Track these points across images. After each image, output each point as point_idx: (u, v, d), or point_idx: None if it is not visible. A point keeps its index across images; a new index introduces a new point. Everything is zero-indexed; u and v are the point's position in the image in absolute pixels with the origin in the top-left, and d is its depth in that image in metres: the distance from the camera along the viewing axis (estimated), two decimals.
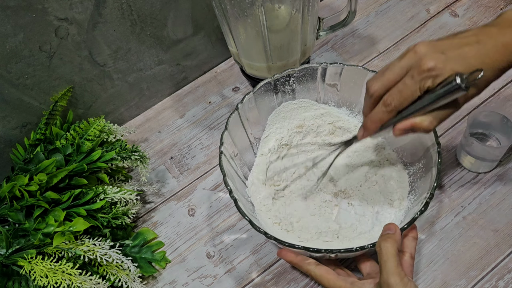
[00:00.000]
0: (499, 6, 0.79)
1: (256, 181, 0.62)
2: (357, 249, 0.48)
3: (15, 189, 0.55)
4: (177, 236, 0.66)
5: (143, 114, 0.78)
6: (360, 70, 0.59)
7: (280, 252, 0.55)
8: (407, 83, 0.43)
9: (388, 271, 0.45)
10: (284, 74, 0.61)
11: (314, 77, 0.62)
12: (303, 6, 0.60)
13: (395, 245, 0.47)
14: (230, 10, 0.59)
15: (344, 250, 0.48)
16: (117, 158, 0.62)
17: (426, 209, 0.50)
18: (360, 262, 0.55)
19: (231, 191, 0.53)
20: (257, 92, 0.61)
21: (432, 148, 0.54)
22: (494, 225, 0.61)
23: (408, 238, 0.51)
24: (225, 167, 0.55)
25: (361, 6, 0.82)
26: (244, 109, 0.60)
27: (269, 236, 0.50)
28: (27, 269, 0.52)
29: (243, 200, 0.56)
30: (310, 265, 0.53)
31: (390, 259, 0.46)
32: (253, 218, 0.54)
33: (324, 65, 0.60)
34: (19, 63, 0.59)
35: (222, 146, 0.56)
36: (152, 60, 0.71)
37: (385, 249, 0.46)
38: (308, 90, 0.64)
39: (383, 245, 0.46)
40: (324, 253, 0.48)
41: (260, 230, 0.50)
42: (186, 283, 0.62)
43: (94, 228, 0.59)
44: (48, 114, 0.64)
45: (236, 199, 0.52)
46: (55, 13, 0.57)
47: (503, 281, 0.57)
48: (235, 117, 0.59)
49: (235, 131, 0.59)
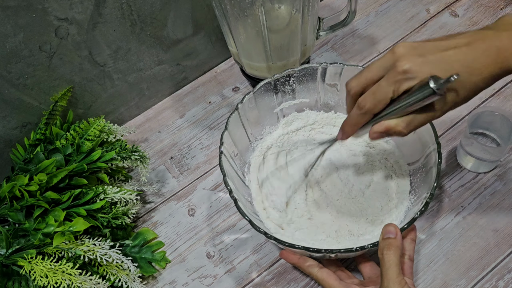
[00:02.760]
0: (499, 6, 0.79)
1: (254, 181, 0.63)
2: (357, 249, 0.48)
3: (15, 189, 0.55)
4: (177, 236, 0.66)
5: (143, 114, 0.78)
6: (360, 70, 0.59)
7: (282, 253, 0.55)
8: (381, 85, 0.42)
9: (389, 279, 0.45)
10: (284, 74, 0.61)
11: (314, 77, 0.62)
12: (303, 6, 0.60)
13: (398, 253, 0.46)
14: (230, 10, 0.59)
15: (344, 250, 0.48)
16: (117, 158, 0.62)
17: (426, 209, 0.50)
18: (360, 263, 0.55)
19: (231, 191, 0.53)
20: (257, 92, 0.61)
21: (432, 148, 0.54)
22: (494, 225, 0.61)
23: (407, 240, 0.51)
24: (225, 167, 0.55)
25: (361, 6, 0.82)
26: (244, 109, 0.60)
27: (269, 236, 0.50)
28: (27, 269, 0.52)
29: (243, 200, 0.56)
30: (312, 268, 0.53)
31: (392, 267, 0.46)
32: (253, 218, 0.54)
33: (324, 65, 0.60)
34: (19, 63, 0.59)
35: (222, 146, 0.56)
36: (152, 60, 0.71)
37: (388, 257, 0.46)
38: (308, 90, 0.64)
39: (386, 253, 0.46)
40: (324, 253, 0.48)
41: (260, 230, 0.50)
42: (186, 283, 0.62)
43: (94, 228, 0.59)
44: (48, 114, 0.64)
45: (236, 199, 0.52)
46: (55, 13, 0.57)
47: (503, 281, 0.57)
48: (235, 117, 0.59)
49: (235, 131, 0.59)
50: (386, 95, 0.42)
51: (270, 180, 0.62)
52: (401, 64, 0.40)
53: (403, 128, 0.43)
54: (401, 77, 0.40)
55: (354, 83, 0.45)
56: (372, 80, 0.43)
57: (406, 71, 0.40)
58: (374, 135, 0.44)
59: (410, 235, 0.52)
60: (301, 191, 0.61)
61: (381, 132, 0.44)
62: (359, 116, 0.45)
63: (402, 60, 0.40)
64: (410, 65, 0.40)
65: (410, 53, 0.41)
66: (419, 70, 0.40)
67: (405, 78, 0.40)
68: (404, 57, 0.41)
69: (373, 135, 0.44)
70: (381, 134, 0.44)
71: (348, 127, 0.47)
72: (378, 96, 0.42)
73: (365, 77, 0.43)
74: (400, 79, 0.41)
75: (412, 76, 0.40)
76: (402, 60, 0.40)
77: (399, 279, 0.45)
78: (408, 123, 0.43)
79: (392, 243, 0.47)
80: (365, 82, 0.44)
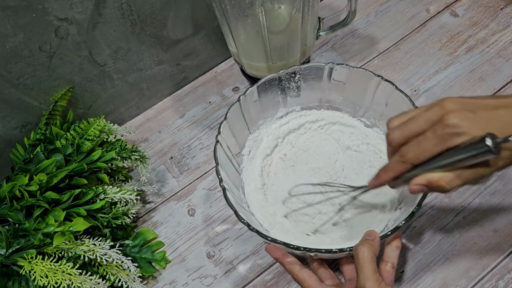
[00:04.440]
0: (499, 6, 0.79)
1: (251, 174, 0.63)
2: (335, 251, 0.48)
3: (15, 189, 0.55)
4: (177, 236, 0.66)
5: (143, 114, 0.78)
6: (367, 73, 0.58)
7: (268, 248, 0.55)
8: (428, 137, 0.40)
9: (364, 276, 0.45)
10: (290, 71, 0.61)
11: (320, 76, 0.62)
12: (303, 6, 0.60)
13: (372, 250, 0.46)
14: (230, 10, 0.59)
15: (325, 251, 0.48)
16: (117, 158, 0.62)
17: (411, 219, 0.49)
18: (343, 264, 0.55)
19: (221, 180, 0.53)
20: (260, 86, 0.61)
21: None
22: (494, 225, 0.61)
23: (391, 246, 0.50)
24: (220, 156, 0.55)
25: (361, 6, 0.82)
26: (246, 102, 0.60)
27: (251, 228, 0.50)
28: (27, 269, 0.52)
29: (235, 191, 0.56)
30: (293, 266, 0.52)
31: (366, 263, 0.45)
32: (240, 209, 0.54)
33: (331, 65, 0.60)
34: (19, 63, 0.59)
35: (219, 135, 0.56)
36: (152, 60, 0.71)
37: (362, 254, 0.45)
38: (313, 89, 0.64)
39: (360, 249, 0.46)
40: (303, 251, 0.49)
41: (244, 221, 0.50)
42: (186, 283, 0.62)
43: (94, 228, 0.59)
44: (48, 114, 0.64)
45: (225, 188, 0.52)
46: (55, 13, 0.57)
47: (503, 281, 0.58)
48: (236, 108, 0.59)
49: (235, 123, 0.59)
50: (432, 149, 0.41)
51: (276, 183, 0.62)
52: (450, 117, 0.39)
53: (447, 183, 0.41)
54: (449, 131, 0.39)
55: (396, 134, 0.43)
56: (416, 133, 0.42)
57: (455, 126, 0.39)
58: (414, 187, 0.43)
59: (395, 242, 0.50)
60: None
61: (422, 185, 0.42)
62: (398, 164, 0.44)
63: (451, 114, 0.39)
64: (459, 120, 0.39)
65: (459, 108, 0.40)
66: (470, 126, 0.39)
67: (454, 133, 0.39)
68: (453, 112, 0.39)
69: (414, 187, 0.43)
70: (422, 188, 0.43)
71: (384, 174, 0.46)
72: (423, 147, 0.41)
73: (409, 129, 0.42)
74: (449, 134, 0.39)
75: (462, 132, 0.39)
76: (451, 114, 0.39)
77: (375, 276, 0.45)
78: (452, 180, 0.41)
79: (367, 241, 0.47)
80: (409, 134, 0.42)
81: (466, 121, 0.39)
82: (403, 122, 0.44)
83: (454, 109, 0.40)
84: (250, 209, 0.60)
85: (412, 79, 0.74)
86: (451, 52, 0.75)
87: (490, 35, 0.76)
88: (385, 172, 0.46)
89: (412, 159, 0.42)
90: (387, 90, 0.58)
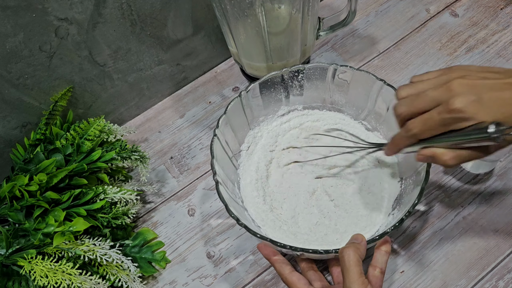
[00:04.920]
0: (499, 6, 0.79)
1: (248, 170, 0.63)
2: (321, 252, 0.48)
3: (15, 189, 0.55)
4: (177, 236, 0.66)
5: (143, 114, 0.78)
6: (370, 77, 0.58)
7: (260, 245, 0.55)
8: (433, 117, 0.42)
9: (350, 280, 0.45)
10: (293, 70, 0.61)
11: (323, 76, 0.62)
12: (303, 6, 0.60)
13: (357, 253, 0.46)
14: (230, 10, 0.59)
15: (312, 251, 0.48)
16: (117, 158, 0.62)
17: (400, 225, 0.50)
18: (332, 266, 0.55)
19: (215, 173, 0.53)
20: (263, 83, 0.61)
21: (421, 166, 0.53)
22: (494, 225, 0.61)
23: (380, 251, 0.50)
24: (216, 150, 0.55)
25: (361, 6, 0.82)
26: (247, 98, 0.60)
27: (240, 223, 0.50)
28: (27, 269, 0.52)
29: (230, 187, 0.56)
30: (283, 268, 0.52)
31: (352, 267, 0.45)
32: (232, 203, 0.54)
33: (334, 66, 0.60)
34: (19, 63, 0.59)
35: (217, 129, 0.56)
36: (152, 60, 0.71)
37: (347, 257, 0.46)
38: (316, 89, 0.64)
39: (345, 252, 0.46)
40: (289, 249, 0.49)
41: (233, 215, 0.50)
42: (186, 283, 0.62)
43: (94, 228, 0.59)
44: (48, 114, 0.64)
45: (218, 181, 0.52)
46: (55, 13, 0.57)
47: (503, 281, 0.58)
48: (236, 103, 0.59)
49: (235, 118, 0.59)
50: (436, 128, 0.42)
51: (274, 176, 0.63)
52: (456, 102, 0.40)
53: (449, 160, 0.43)
54: (455, 115, 0.41)
55: (403, 108, 0.45)
56: (423, 110, 0.43)
57: (460, 110, 0.40)
58: (420, 157, 0.45)
59: (384, 246, 0.50)
60: (308, 194, 0.61)
61: (427, 156, 0.45)
62: (403, 138, 0.46)
63: (457, 99, 0.40)
64: (464, 105, 0.40)
65: (465, 92, 0.41)
66: (474, 112, 0.40)
67: (459, 117, 0.40)
68: (459, 96, 0.40)
69: (419, 157, 0.45)
70: (427, 158, 0.45)
71: (392, 146, 0.49)
72: (428, 125, 0.43)
73: (416, 106, 0.44)
74: (454, 118, 0.41)
75: (466, 117, 0.40)
76: (457, 98, 0.40)
77: (361, 280, 0.45)
78: (455, 157, 0.43)
79: (353, 244, 0.47)
80: (415, 111, 0.44)
81: (471, 106, 0.40)
82: (411, 94, 0.45)
83: (460, 93, 0.41)
84: (243, 204, 0.60)
85: None
86: (451, 52, 0.75)
87: (490, 35, 0.76)
88: (393, 144, 0.49)
89: (417, 134, 0.44)
90: (389, 94, 0.58)
